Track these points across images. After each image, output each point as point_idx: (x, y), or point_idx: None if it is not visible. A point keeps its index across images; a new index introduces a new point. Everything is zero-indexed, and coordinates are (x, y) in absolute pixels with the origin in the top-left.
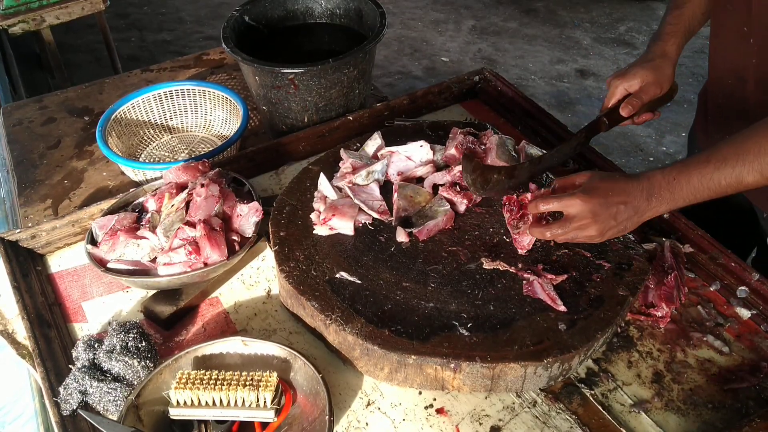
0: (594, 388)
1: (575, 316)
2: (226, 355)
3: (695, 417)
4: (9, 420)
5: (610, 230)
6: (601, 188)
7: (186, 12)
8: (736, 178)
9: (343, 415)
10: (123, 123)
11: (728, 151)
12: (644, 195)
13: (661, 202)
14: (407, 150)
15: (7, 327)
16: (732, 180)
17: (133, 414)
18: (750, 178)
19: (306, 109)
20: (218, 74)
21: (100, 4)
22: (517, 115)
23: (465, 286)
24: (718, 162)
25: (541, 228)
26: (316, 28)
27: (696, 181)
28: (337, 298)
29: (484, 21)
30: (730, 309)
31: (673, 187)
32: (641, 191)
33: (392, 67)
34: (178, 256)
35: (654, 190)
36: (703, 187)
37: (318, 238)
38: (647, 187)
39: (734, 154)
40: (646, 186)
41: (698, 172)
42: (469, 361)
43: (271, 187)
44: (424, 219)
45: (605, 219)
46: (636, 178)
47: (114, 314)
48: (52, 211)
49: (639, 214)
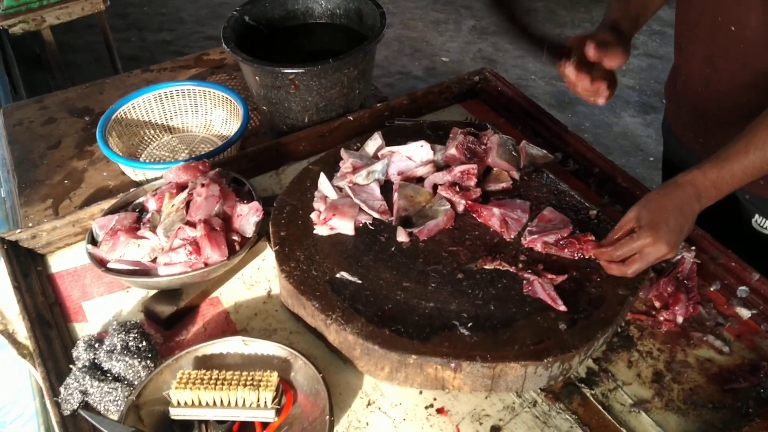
0: (594, 388)
1: (575, 315)
2: (227, 355)
3: (695, 417)
4: (9, 420)
5: (679, 243)
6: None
7: (186, 12)
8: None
9: (344, 414)
10: (123, 123)
11: (765, 133)
12: (695, 200)
13: (710, 199)
14: (407, 150)
15: (7, 327)
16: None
17: (134, 414)
18: None
19: (306, 109)
20: (218, 74)
21: (100, 4)
22: (517, 115)
23: (465, 285)
24: (758, 149)
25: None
26: (316, 28)
27: (740, 172)
28: (337, 298)
29: (484, 21)
30: (731, 309)
31: (719, 184)
32: (691, 198)
33: (392, 67)
34: (179, 256)
35: (701, 192)
36: (747, 175)
37: (318, 238)
38: (694, 193)
39: None
40: (693, 192)
41: (740, 164)
42: (469, 361)
43: (272, 187)
44: (425, 219)
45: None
46: (680, 188)
47: (114, 314)
48: (52, 211)
49: (695, 215)
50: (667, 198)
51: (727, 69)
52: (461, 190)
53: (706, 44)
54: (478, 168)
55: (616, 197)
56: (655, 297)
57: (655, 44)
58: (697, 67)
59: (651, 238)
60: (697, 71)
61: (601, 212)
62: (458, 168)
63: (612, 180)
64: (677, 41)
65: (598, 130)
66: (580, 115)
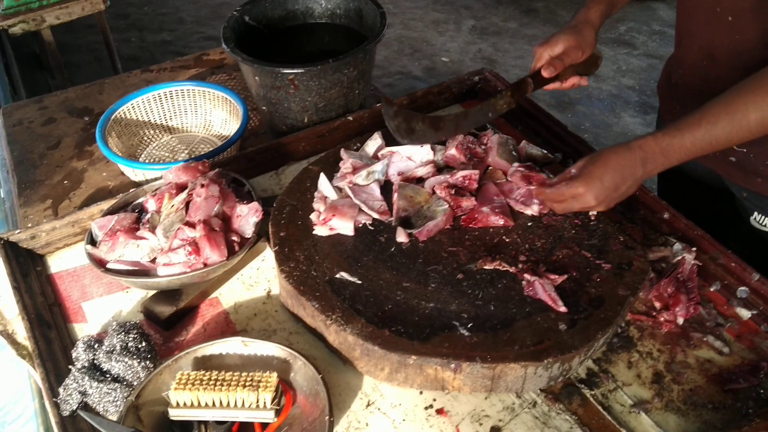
0: (594, 389)
1: (575, 316)
2: (226, 355)
3: (695, 417)
4: (9, 420)
5: (612, 201)
6: (596, 172)
7: (186, 12)
8: (726, 136)
9: (343, 415)
10: (123, 123)
11: (718, 109)
12: (639, 163)
13: (656, 166)
14: (407, 150)
15: (7, 327)
16: (722, 138)
17: (133, 414)
18: (738, 135)
19: (306, 109)
20: (218, 74)
21: (100, 4)
22: (517, 115)
23: (465, 286)
24: (709, 123)
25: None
26: (316, 29)
27: (689, 143)
28: (337, 299)
29: (484, 21)
30: (731, 309)
31: (667, 151)
32: (635, 161)
33: (392, 68)
34: (178, 256)
35: (648, 156)
36: (696, 148)
37: (318, 238)
38: (641, 156)
39: (724, 112)
40: (640, 155)
41: (691, 135)
42: (469, 362)
43: (271, 187)
44: (424, 219)
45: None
46: (628, 149)
47: (114, 314)
48: (52, 212)
49: (637, 180)
50: (613, 156)
51: (724, 60)
52: (456, 194)
53: (704, 35)
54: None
55: None
56: (655, 297)
57: (655, 44)
58: (695, 59)
59: (582, 188)
60: (695, 63)
61: (601, 212)
62: (461, 173)
63: None
64: (677, 33)
65: (598, 130)
66: (580, 115)
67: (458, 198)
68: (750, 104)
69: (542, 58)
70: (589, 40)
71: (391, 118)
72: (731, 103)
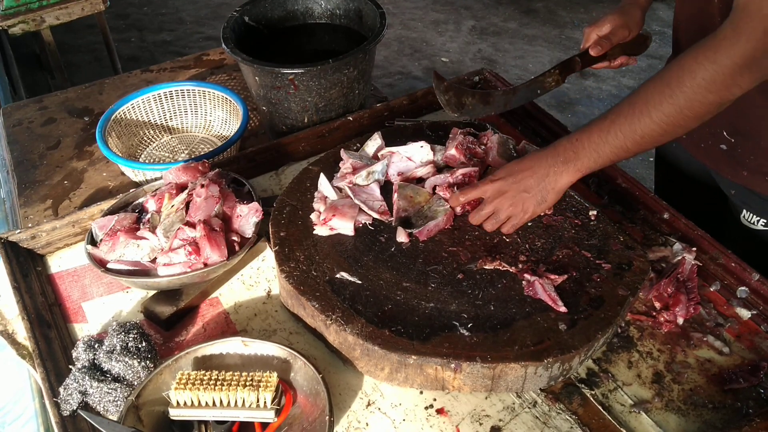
0: (594, 389)
1: (575, 316)
2: (226, 355)
3: (695, 417)
4: (9, 420)
5: (526, 201)
6: (508, 167)
7: (186, 12)
8: (631, 130)
9: (344, 415)
10: (123, 123)
11: (623, 105)
12: (548, 161)
13: (567, 164)
14: (407, 150)
15: (7, 327)
16: (628, 132)
17: (133, 414)
18: (643, 129)
19: (306, 109)
20: (218, 75)
21: (100, 4)
22: (517, 115)
23: (465, 286)
24: (615, 117)
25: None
26: (316, 29)
27: (596, 137)
28: (337, 299)
29: (484, 21)
30: (731, 309)
31: (576, 147)
32: (545, 158)
33: (392, 68)
34: (178, 256)
35: (558, 153)
36: (603, 143)
37: (318, 238)
38: (551, 153)
39: (628, 106)
40: (551, 152)
41: (598, 129)
42: (469, 361)
43: (271, 187)
44: (424, 219)
45: (516, 193)
46: (543, 148)
47: (114, 314)
48: (52, 212)
49: (549, 180)
50: (528, 156)
51: None
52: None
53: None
54: (479, 170)
55: (616, 197)
56: (655, 298)
57: (655, 44)
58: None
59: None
60: None
61: (601, 212)
62: (460, 170)
63: (612, 180)
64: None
65: None
66: (580, 115)
67: None
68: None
69: (590, 37)
70: (636, 19)
71: (442, 93)
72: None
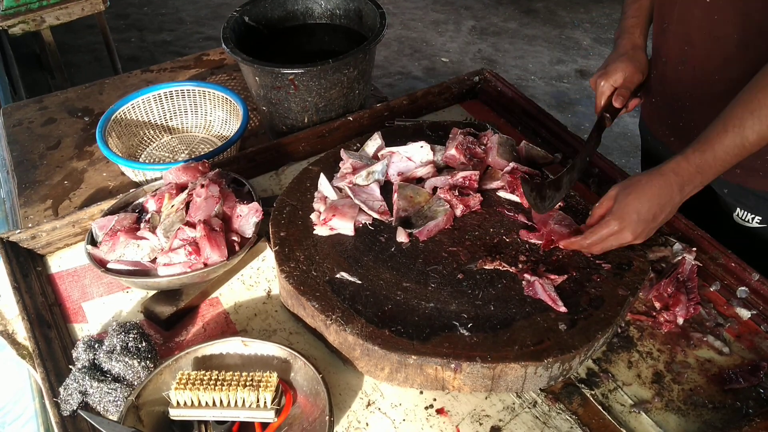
0: (594, 389)
1: (575, 316)
2: (226, 355)
3: (695, 417)
4: (9, 420)
5: (651, 231)
6: (632, 206)
7: (186, 12)
8: (756, 136)
9: (344, 415)
10: (123, 123)
11: (741, 111)
12: (676, 189)
13: (695, 187)
14: (407, 150)
15: (7, 327)
16: (753, 139)
17: (133, 414)
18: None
19: (306, 109)
20: (218, 75)
21: (100, 4)
22: (517, 115)
23: (465, 286)
24: (736, 127)
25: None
26: (316, 29)
27: (722, 153)
28: (337, 299)
29: (484, 21)
30: (730, 309)
31: (703, 168)
32: (671, 187)
33: (392, 68)
34: (178, 256)
35: (685, 180)
36: (729, 156)
37: (318, 238)
38: (677, 181)
39: (748, 112)
40: (676, 181)
41: (721, 144)
42: (469, 361)
43: (271, 187)
44: (424, 219)
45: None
46: (662, 176)
47: (114, 315)
48: (52, 212)
49: (675, 206)
50: (647, 186)
51: (701, 44)
52: (460, 194)
53: (683, 20)
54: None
55: None
56: (655, 298)
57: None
58: (675, 45)
59: (617, 226)
60: (675, 49)
61: None
62: (461, 173)
63: (612, 180)
64: (657, 22)
65: None
66: (580, 115)
67: (464, 198)
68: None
69: (606, 90)
70: (644, 62)
71: (530, 196)
72: (751, 101)
